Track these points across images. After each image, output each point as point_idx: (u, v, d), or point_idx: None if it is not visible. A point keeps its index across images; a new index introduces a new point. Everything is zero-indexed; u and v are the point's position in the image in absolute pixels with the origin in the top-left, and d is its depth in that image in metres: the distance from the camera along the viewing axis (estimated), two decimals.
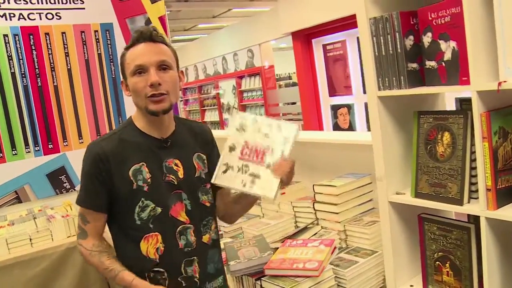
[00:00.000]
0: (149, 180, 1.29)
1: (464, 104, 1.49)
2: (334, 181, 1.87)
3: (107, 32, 3.21)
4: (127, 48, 1.32)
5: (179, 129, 1.40)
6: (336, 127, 6.23)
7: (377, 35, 1.36)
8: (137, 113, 1.37)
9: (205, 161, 1.41)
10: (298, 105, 8.24)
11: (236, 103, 8.92)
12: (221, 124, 9.74)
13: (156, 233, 1.29)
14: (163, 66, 1.28)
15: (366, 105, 5.75)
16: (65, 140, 3.02)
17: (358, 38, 5.43)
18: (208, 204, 1.38)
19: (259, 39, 7.34)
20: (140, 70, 1.27)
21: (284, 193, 2.19)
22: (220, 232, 1.97)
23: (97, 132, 3.17)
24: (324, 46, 5.99)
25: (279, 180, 1.26)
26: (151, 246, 1.29)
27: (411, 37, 1.31)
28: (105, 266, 1.28)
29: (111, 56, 3.22)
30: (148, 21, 3.34)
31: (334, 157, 2.31)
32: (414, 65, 1.32)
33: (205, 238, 1.37)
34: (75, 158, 3.04)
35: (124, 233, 1.31)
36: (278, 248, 1.69)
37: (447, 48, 1.21)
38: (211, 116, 10.30)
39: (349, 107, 5.95)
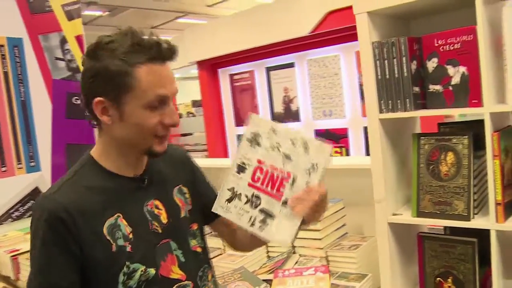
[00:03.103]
0: (130, 236, 0.99)
1: (442, 127, 1.61)
2: None
3: (16, 48, 2.79)
4: (132, 64, 0.94)
5: (153, 159, 1.09)
6: None
7: (381, 58, 1.39)
8: (104, 149, 1.04)
9: (187, 195, 1.13)
10: (195, 135, 8.15)
11: None
12: None
13: None
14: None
15: None
16: None
17: (267, 68, 5.63)
18: (199, 250, 1.12)
19: None
20: (160, 103, 0.98)
21: None
22: None
23: (2, 163, 2.69)
24: (231, 76, 6.06)
25: (300, 222, 0.98)
26: None
27: (415, 62, 1.37)
28: None
29: (20, 75, 2.79)
30: (63, 40, 3.00)
31: None
32: (417, 88, 1.38)
33: None
34: None
35: None
36: (267, 280, 1.59)
37: (456, 73, 1.30)
38: None
39: None
